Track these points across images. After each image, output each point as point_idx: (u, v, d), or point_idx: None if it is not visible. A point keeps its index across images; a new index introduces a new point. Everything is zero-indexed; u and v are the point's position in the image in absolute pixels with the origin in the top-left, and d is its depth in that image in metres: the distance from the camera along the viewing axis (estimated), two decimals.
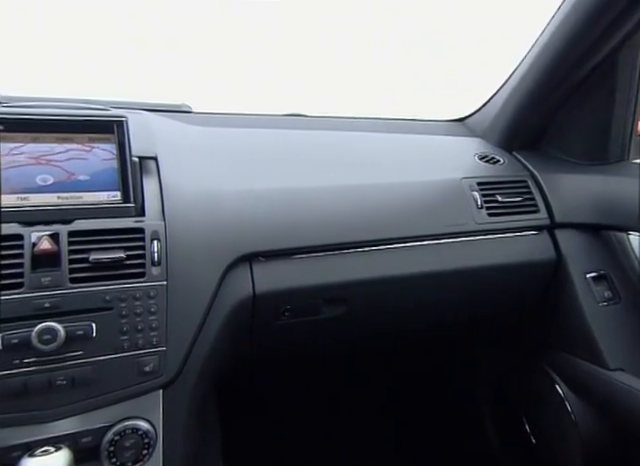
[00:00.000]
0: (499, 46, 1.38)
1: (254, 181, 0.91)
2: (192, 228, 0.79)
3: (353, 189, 0.96)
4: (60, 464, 0.58)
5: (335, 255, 0.89)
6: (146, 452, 0.70)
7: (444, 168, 1.07)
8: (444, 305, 1.03)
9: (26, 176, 0.71)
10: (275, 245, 0.85)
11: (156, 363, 0.71)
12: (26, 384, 0.64)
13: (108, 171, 0.76)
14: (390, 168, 1.04)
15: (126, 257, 0.72)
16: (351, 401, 1.45)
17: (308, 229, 0.88)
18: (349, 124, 1.20)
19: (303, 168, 0.98)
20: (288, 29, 1.40)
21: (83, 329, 0.67)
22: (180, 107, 1.10)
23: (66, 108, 0.80)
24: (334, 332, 0.99)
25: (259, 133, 1.06)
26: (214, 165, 0.90)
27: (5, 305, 0.64)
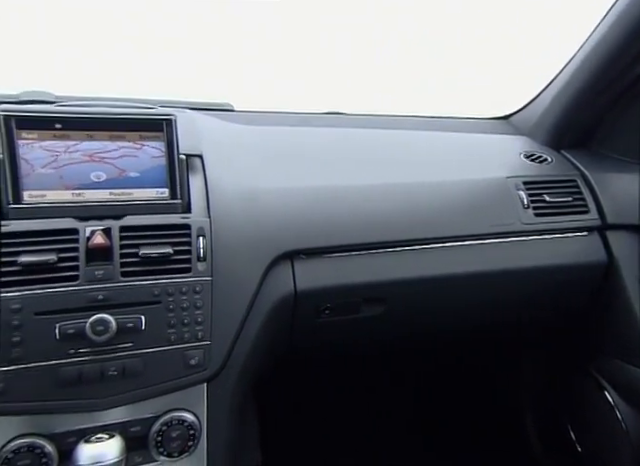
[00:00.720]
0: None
1: (296, 179, 0.91)
2: (236, 225, 0.80)
3: (395, 187, 0.95)
4: (114, 451, 0.60)
5: (376, 254, 0.89)
6: (191, 443, 0.72)
7: (488, 167, 1.04)
8: (487, 306, 1.01)
9: (81, 173, 0.74)
10: (316, 243, 0.85)
11: (201, 357, 0.73)
12: (80, 373, 0.66)
13: (157, 168, 0.78)
14: (432, 166, 1.02)
15: (173, 252, 0.73)
16: (388, 401, 1.44)
17: (349, 227, 0.88)
18: (389, 122, 1.19)
19: (344, 166, 0.97)
20: (311, 28, 1.40)
21: (133, 321, 0.69)
22: (222, 105, 1.12)
23: (117, 107, 0.83)
24: (373, 331, 0.98)
25: (300, 131, 1.06)
26: (257, 163, 0.91)
27: (62, 297, 0.67)
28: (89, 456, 0.59)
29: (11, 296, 0.65)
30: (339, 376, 1.39)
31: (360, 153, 1.02)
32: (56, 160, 0.73)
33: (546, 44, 1.36)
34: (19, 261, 0.66)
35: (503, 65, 1.39)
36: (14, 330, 0.64)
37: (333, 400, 1.39)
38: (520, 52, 1.08)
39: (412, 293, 0.91)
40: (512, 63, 1.11)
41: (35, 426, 0.66)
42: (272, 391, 1.11)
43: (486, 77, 1.44)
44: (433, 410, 1.48)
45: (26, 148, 0.70)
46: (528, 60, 1.39)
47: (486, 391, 1.45)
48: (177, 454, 0.71)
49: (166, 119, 0.76)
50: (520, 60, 1.26)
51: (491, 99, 1.33)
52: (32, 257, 0.66)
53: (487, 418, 1.43)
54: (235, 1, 1.34)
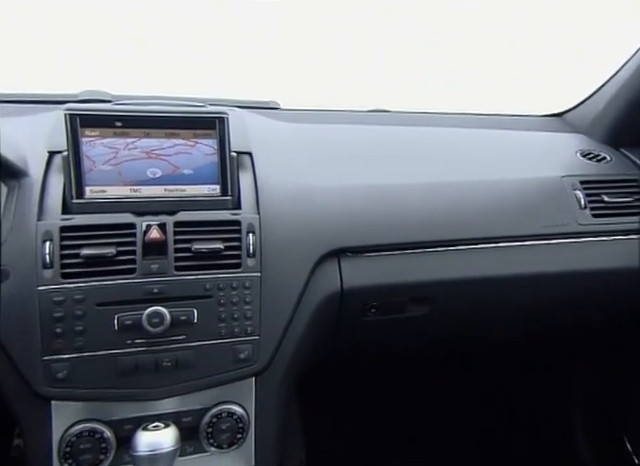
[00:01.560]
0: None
1: (343, 177, 0.91)
2: (284, 222, 0.81)
3: (443, 186, 0.93)
4: (170, 440, 0.62)
5: (424, 253, 0.87)
6: (240, 436, 0.74)
7: (541, 165, 1.01)
8: (537, 309, 0.98)
9: (138, 169, 0.76)
10: (363, 241, 0.85)
11: (250, 351, 0.74)
12: (136, 363, 0.69)
13: (209, 165, 0.79)
14: (482, 165, 1.00)
15: (224, 248, 0.75)
16: (431, 404, 1.42)
17: (397, 226, 0.87)
18: (435, 119, 1.17)
19: (391, 164, 0.97)
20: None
21: (186, 314, 0.71)
22: (268, 104, 1.14)
23: (170, 105, 0.85)
24: (417, 331, 0.97)
25: (346, 129, 1.06)
26: (305, 161, 0.92)
27: (120, 289, 0.70)
28: (147, 443, 0.61)
29: (74, 287, 0.68)
30: (381, 377, 1.38)
31: (407, 151, 1.01)
32: (116, 157, 0.75)
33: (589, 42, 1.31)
34: (81, 254, 0.69)
35: (549, 62, 1.34)
36: (77, 319, 0.67)
37: (374, 401, 1.39)
38: (565, 50, 1.04)
39: (459, 294, 0.89)
40: (558, 60, 1.07)
41: (95, 412, 0.69)
42: (314, 391, 1.11)
43: (532, 74, 1.39)
44: (477, 414, 1.45)
45: (89, 145, 0.73)
46: (573, 57, 1.34)
47: (534, 397, 1.41)
48: (226, 446, 0.73)
49: (219, 117, 0.78)
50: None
51: (540, 96, 1.29)
52: (93, 250, 0.69)
53: (535, 424, 1.39)
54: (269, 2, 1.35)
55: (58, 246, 0.68)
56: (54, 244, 0.68)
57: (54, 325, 0.67)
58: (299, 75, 1.32)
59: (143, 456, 0.60)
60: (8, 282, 0.67)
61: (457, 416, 1.44)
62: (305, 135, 1.00)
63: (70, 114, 0.71)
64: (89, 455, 0.67)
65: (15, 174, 0.72)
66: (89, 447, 0.67)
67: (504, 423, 1.43)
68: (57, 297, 0.67)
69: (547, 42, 1.38)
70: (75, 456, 0.67)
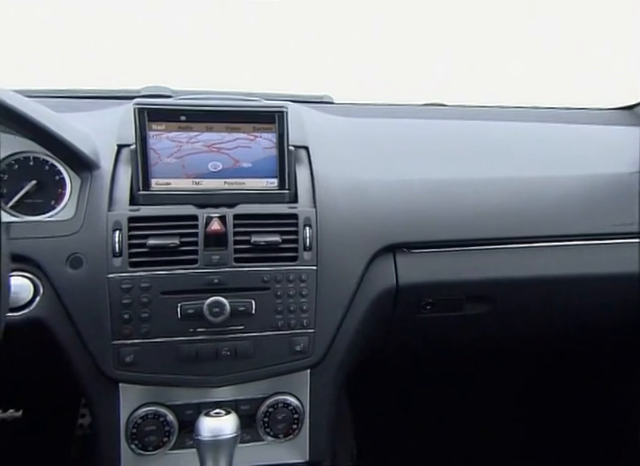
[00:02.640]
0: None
1: (399, 172, 0.90)
2: (340, 216, 0.81)
3: (503, 182, 0.90)
4: (231, 425, 0.64)
5: (483, 250, 0.85)
6: (295, 427, 0.75)
7: (609, 161, 0.95)
8: (603, 310, 0.93)
9: (200, 162, 0.78)
10: (420, 237, 0.84)
11: (306, 343, 0.75)
12: (197, 351, 0.71)
13: (268, 159, 0.80)
14: (544, 160, 0.96)
15: (281, 241, 0.75)
16: (484, 404, 1.39)
17: (454, 222, 0.85)
18: (494, 113, 1.13)
19: (449, 159, 0.94)
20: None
21: (245, 305, 0.73)
22: (322, 98, 1.14)
23: (229, 100, 0.87)
24: (474, 331, 0.95)
25: (400, 123, 1.04)
26: (360, 155, 0.91)
27: (183, 278, 0.72)
28: (210, 429, 0.63)
29: (141, 275, 0.71)
30: (431, 374, 1.36)
31: (465, 146, 0.99)
32: (179, 150, 0.78)
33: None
34: (148, 243, 0.71)
35: (619, 52, 1.26)
36: (144, 307, 0.70)
37: (424, 399, 1.37)
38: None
39: (520, 294, 0.86)
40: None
41: (158, 396, 0.72)
42: (364, 386, 1.11)
43: (602, 65, 1.32)
44: (529, 414, 1.40)
45: (155, 139, 0.76)
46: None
47: (593, 403, 1.34)
48: (282, 436, 0.75)
49: (278, 111, 0.78)
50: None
51: (611, 88, 1.22)
52: (158, 240, 0.72)
53: (596, 427, 1.33)
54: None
55: (126, 236, 0.71)
56: (123, 234, 0.71)
57: (123, 311, 0.70)
58: (351, 69, 1.32)
59: (206, 441, 0.62)
60: (81, 269, 0.70)
61: (507, 416, 1.41)
62: (360, 129, 0.99)
63: (139, 108, 0.74)
64: (154, 437, 0.71)
65: (88, 166, 0.76)
66: (154, 429, 0.71)
67: (558, 427, 1.38)
68: (125, 284, 0.70)
69: (618, 29, 1.30)
70: (141, 437, 0.71)
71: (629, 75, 1.22)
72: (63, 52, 1.28)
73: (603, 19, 1.34)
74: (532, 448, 1.37)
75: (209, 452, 0.62)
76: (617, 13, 1.32)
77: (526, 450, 1.35)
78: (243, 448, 0.68)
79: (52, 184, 0.78)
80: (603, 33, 1.35)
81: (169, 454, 0.73)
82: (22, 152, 0.77)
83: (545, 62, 1.35)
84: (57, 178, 0.79)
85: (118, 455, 0.71)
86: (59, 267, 0.70)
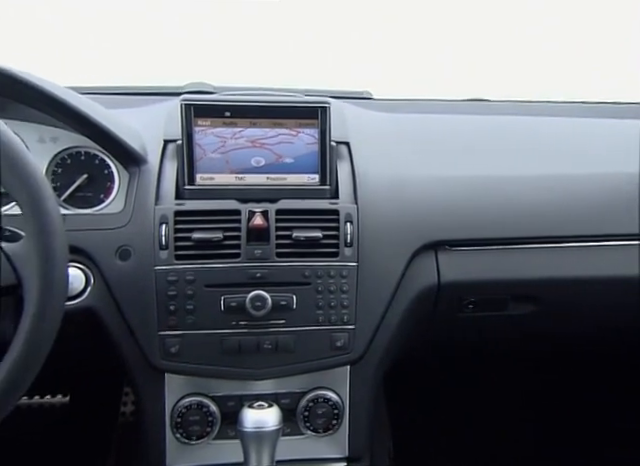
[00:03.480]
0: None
1: (442, 168, 0.88)
2: (382, 212, 0.80)
3: (550, 179, 0.88)
4: (274, 419, 0.65)
5: (528, 249, 0.83)
6: (335, 422, 0.75)
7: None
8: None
9: (244, 158, 0.79)
10: (462, 234, 0.82)
11: (346, 339, 0.75)
12: (240, 344, 0.72)
13: (310, 155, 0.80)
14: (592, 157, 0.92)
15: (322, 237, 0.75)
16: (524, 406, 1.36)
17: (498, 220, 0.83)
18: (539, 108, 1.10)
19: (492, 155, 0.92)
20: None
21: (286, 300, 0.73)
22: (361, 94, 1.13)
23: (270, 95, 0.88)
24: (517, 331, 0.93)
25: (442, 119, 1.03)
26: (401, 151, 0.90)
27: (226, 272, 0.73)
28: (253, 420, 0.64)
29: (186, 268, 0.72)
30: (470, 373, 1.34)
31: (509, 141, 0.96)
32: (224, 145, 0.79)
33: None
34: (192, 237, 0.72)
35: None
36: (188, 299, 0.72)
37: (462, 397, 1.35)
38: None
39: (567, 294, 0.83)
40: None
41: (202, 387, 0.74)
42: (402, 384, 1.10)
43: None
44: (568, 414, 1.36)
45: (200, 134, 0.77)
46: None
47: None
48: (322, 430, 0.75)
49: (321, 107, 0.78)
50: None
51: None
52: (203, 234, 0.73)
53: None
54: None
55: (172, 229, 0.73)
56: (169, 227, 0.73)
57: (168, 303, 0.71)
58: (390, 64, 1.30)
59: (249, 432, 0.63)
60: (130, 261, 0.72)
61: (546, 415, 1.37)
62: (401, 125, 0.98)
63: (185, 104, 0.75)
64: (197, 427, 0.72)
65: (137, 161, 0.78)
66: (197, 419, 0.72)
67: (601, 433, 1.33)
68: (171, 277, 0.72)
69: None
70: (185, 427, 0.72)
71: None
72: (107, 50, 1.32)
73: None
74: (566, 449, 1.33)
75: (252, 443, 0.63)
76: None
77: (559, 450, 1.32)
78: (283, 441, 0.68)
79: (101, 178, 0.81)
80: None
81: (212, 444, 0.74)
82: (74, 147, 0.80)
83: (594, 54, 1.30)
84: (106, 172, 0.81)
85: (163, 443, 0.73)
86: (109, 259, 0.72)
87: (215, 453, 0.75)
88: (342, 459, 0.78)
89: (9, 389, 0.50)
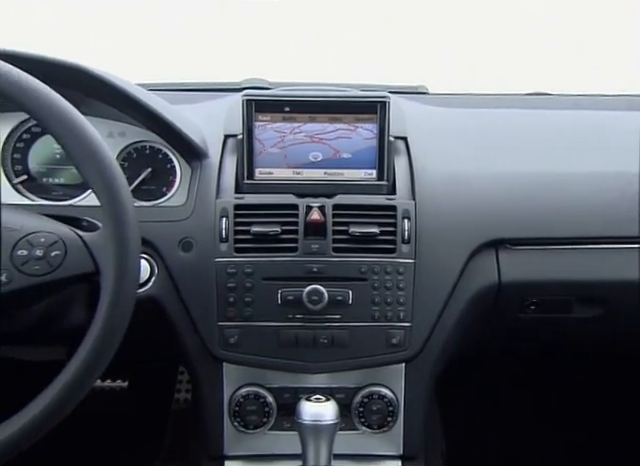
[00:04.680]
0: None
1: (502, 164, 0.86)
2: (440, 209, 0.79)
3: (617, 177, 0.83)
4: (332, 412, 0.65)
5: (596, 249, 0.79)
6: (390, 419, 0.75)
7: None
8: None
9: (302, 153, 0.80)
10: (525, 233, 0.79)
11: (402, 337, 0.74)
12: (296, 337, 0.73)
13: (368, 150, 0.80)
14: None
15: (379, 233, 0.75)
16: (577, 406, 1.30)
17: (563, 218, 0.80)
18: (605, 102, 1.04)
19: (555, 151, 0.88)
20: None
21: (342, 295, 0.73)
22: (416, 88, 1.11)
23: (327, 91, 0.87)
24: (580, 333, 0.88)
25: (502, 114, 0.99)
26: (459, 146, 0.88)
27: (284, 265, 0.74)
28: (311, 413, 0.64)
29: (245, 261, 0.73)
30: (524, 373, 1.30)
31: (574, 137, 0.91)
32: (282, 140, 0.79)
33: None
34: (252, 230, 0.74)
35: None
36: (247, 291, 0.73)
37: (516, 398, 1.31)
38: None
39: (638, 296, 0.79)
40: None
41: (258, 378, 0.75)
42: (455, 383, 1.09)
43: None
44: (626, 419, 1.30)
45: (260, 129, 0.78)
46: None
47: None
48: (376, 427, 0.75)
49: (381, 101, 0.78)
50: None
51: None
52: (261, 228, 0.74)
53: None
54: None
55: (232, 222, 0.74)
56: (229, 221, 0.74)
57: (228, 294, 0.73)
58: (445, 58, 1.27)
59: (307, 424, 0.64)
60: (191, 252, 0.75)
61: (603, 419, 1.31)
62: (459, 120, 0.95)
63: (247, 100, 0.76)
64: (254, 417, 0.74)
65: (199, 156, 0.80)
66: (254, 409, 0.74)
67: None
68: (231, 269, 0.73)
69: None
70: (243, 416, 0.74)
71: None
72: (162, 48, 1.36)
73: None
74: (615, 452, 1.26)
75: (310, 436, 0.64)
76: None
77: (611, 454, 1.25)
78: (339, 435, 0.68)
79: (164, 172, 0.84)
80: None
81: (268, 434, 0.76)
82: (140, 141, 0.83)
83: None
84: (169, 166, 0.84)
85: (222, 431, 0.75)
86: (172, 250, 0.74)
87: (271, 443, 0.77)
88: (397, 457, 0.77)
89: (87, 373, 0.52)
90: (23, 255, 0.53)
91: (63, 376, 0.52)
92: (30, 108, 0.54)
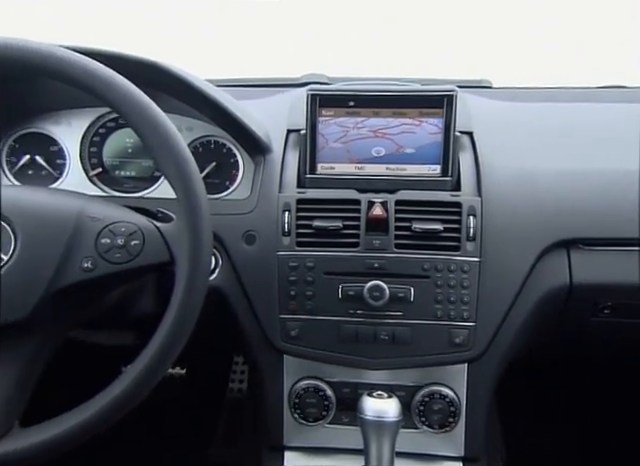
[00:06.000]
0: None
1: (574, 161, 0.81)
2: (509, 206, 0.76)
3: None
4: (395, 409, 0.64)
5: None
6: (452, 420, 0.73)
7: None
8: None
9: (364, 148, 0.79)
10: (599, 233, 0.75)
11: (465, 336, 0.72)
12: (357, 332, 0.73)
13: (432, 145, 0.78)
14: None
15: (443, 230, 0.73)
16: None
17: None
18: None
19: (630, 147, 0.83)
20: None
21: (404, 292, 0.72)
22: (481, 82, 1.08)
23: (390, 85, 0.86)
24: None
25: (573, 108, 0.94)
26: (528, 142, 0.84)
27: (345, 261, 0.74)
28: (374, 409, 0.64)
29: (306, 255, 0.74)
30: (586, 381, 1.24)
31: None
32: (346, 135, 0.79)
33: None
34: (313, 225, 0.74)
35: None
36: (308, 285, 0.73)
37: (575, 404, 1.25)
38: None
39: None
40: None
41: (318, 371, 0.76)
42: (515, 385, 1.05)
43: None
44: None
45: (324, 124, 0.78)
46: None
47: None
48: (437, 427, 0.73)
49: (448, 95, 0.76)
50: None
51: None
52: (323, 222, 0.74)
53: None
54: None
55: (295, 217, 0.75)
56: (292, 215, 0.75)
57: (289, 288, 0.74)
58: (510, 51, 1.23)
59: (371, 420, 0.63)
60: (255, 245, 0.76)
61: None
62: (526, 114, 0.92)
63: (312, 94, 0.77)
64: (314, 409, 0.74)
65: (262, 150, 0.81)
66: (314, 402, 0.74)
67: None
68: (292, 263, 0.74)
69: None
70: (302, 408, 0.75)
71: None
72: (219, 44, 1.39)
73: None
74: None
75: (373, 432, 0.63)
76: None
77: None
78: (400, 433, 0.68)
79: (227, 166, 0.86)
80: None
81: (327, 428, 0.76)
82: (206, 136, 0.86)
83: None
84: (232, 161, 0.86)
85: (281, 422, 0.76)
86: (236, 242, 0.76)
87: (330, 437, 0.77)
88: (458, 458, 0.76)
89: (163, 358, 0.54)
90: (106, 243, 0.56)
91: (140, 361, 0.54)
92: (114, 103, 0.56)
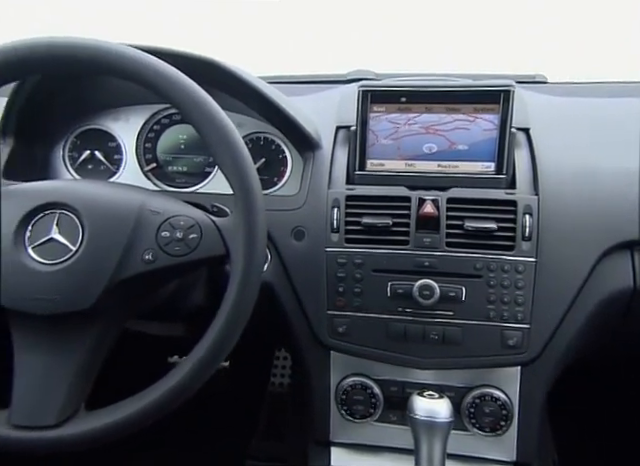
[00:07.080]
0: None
1: (634, 158, 0.77)
2: (566, 205, 0.73)
3: None
4: (446, 410, 0.63)
5: None
6: (503, 424, 0.71)
7: None
8: None
9: (415, 144, 0.78)
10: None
11: (519, 338, 0.70)
12: (405, 330, 0.72)
13: (487, 142, 0.76)
14: None
15: (497, 228, 0.71)
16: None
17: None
18: None
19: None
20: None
21: (455, 291, 0.71)
22: (535, 77, 1.04)
23: (441, 80, 0.84)
24: None
25: (630, 103, 0.90)
26: (587, 138, 0.81)
27: (394, 258, 0.73)
28: (425, 409, 0.63)
29: (355, 252, 0.73)
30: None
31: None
32: (396, 132, 0.78)
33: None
34: (362, 222, 0.74)
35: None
36: (356, 282, 0.73)
37: (629, 410, 1.20)
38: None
39: None
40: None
41: (364, 369, 0.75)
42: (567, 389, 1.01)
43: None
44: None
45: (375, 120, 0.78)
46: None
47: None
48: (489, 430, 0.72)
49: (504, 90, 0.73)
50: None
51: None
52: (372, 219, 0.74)
53: None
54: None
55: (344, 213, 0.75)
56: (341, 211, 0.75)
57: (337, 284, 0.74)
58: (563, 45, 1.18)
59: (422, 420, 0.62)
60: (303, 241, 0.76)
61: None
62: (584, 110, 0.88)
63: (363, 91, 0.76)
64: (361, 406, 0.74)
65: (312, 147, 0.81)
66: (361, 399, 0.74)
67: None
68: (341, 259, 0.74)
69: None
70: (349, 404, 0.74)
71: None
72: (261, 42, 1.40)
73: None
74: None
75: (423, 432, 0.62)
76: None
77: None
78: (450, 435, 0.67)
79: (276, 162, 0.87)
80: None
81: (374, 425, 0.76)
82: (255, 132, 0.87)
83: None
84: (280, 157, 0.86)
85: (328, 417, 0.76)
86: (285, 238, 0.76)
87: (377, 435, 0.77)
88: (510, 463, 0.74)
89: (217, 351, 0.55)
90: (166, 236, 0.57)
91: (196, 353, 0.55)
92: (176, 100, 0.57)
